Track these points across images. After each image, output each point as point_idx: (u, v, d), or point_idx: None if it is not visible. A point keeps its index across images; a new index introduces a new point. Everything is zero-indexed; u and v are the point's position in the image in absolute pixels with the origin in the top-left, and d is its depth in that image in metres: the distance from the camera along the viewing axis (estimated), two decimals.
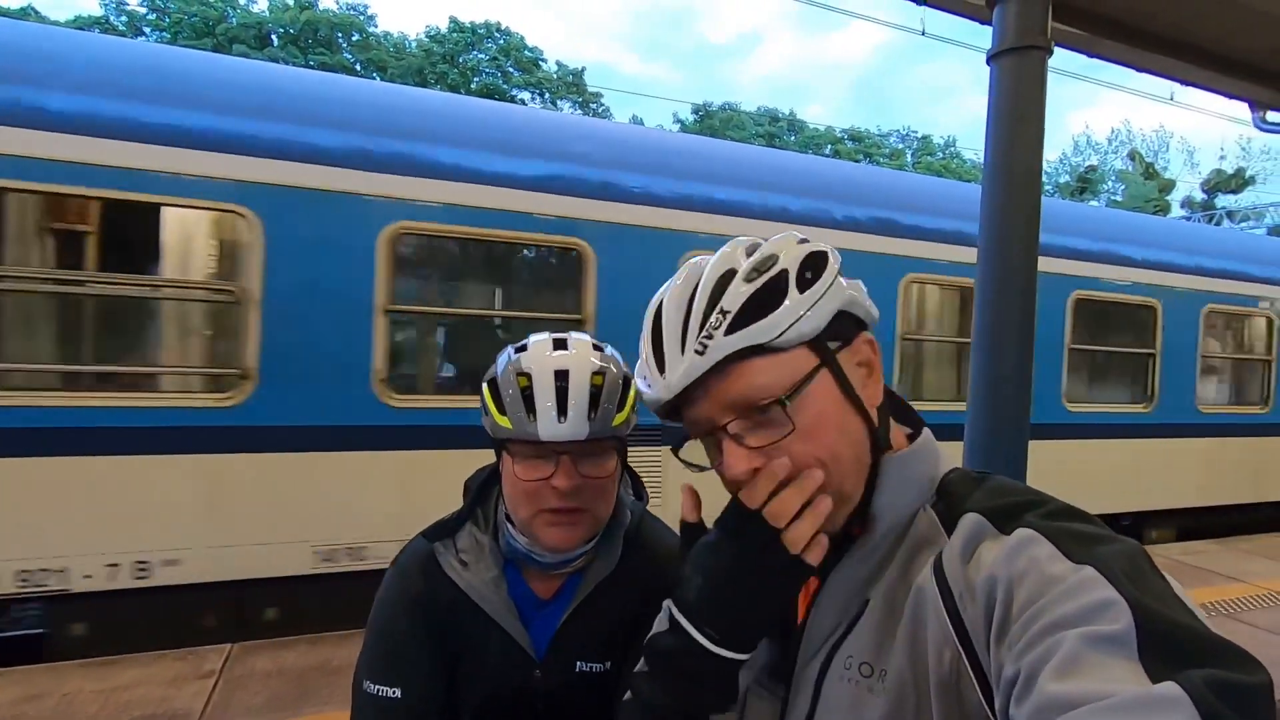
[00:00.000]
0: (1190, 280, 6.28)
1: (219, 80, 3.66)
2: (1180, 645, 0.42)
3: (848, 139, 39.99)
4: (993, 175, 2.39)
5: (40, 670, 3.05)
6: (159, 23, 28.29)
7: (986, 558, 0.55)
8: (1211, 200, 28.86)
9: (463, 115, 4.21)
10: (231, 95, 3.60)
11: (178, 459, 3.41)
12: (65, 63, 3.36)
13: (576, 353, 0.99)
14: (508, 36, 32.98)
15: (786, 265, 0.64)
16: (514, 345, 1.03)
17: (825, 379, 0.64)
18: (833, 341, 0.65)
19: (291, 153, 3.58)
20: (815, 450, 0.62)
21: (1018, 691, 0.46)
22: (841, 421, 0.64)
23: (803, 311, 0.63)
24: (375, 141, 3.74)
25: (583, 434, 0.95)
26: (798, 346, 0.63)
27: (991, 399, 2.28)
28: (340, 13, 31.54)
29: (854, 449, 0.65)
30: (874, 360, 0.68)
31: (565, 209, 4.05)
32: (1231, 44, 4.21)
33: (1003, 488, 0.62)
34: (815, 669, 0.64)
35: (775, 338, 0.62)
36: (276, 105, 3.67)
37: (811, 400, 0.63)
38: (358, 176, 3.66)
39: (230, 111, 3.54)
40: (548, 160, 4.10)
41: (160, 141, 3.37)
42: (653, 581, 1.06)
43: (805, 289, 0.63)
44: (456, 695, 1.03)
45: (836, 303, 0.65)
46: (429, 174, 3.82)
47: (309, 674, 3.14)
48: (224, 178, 3.44)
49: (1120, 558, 0.49)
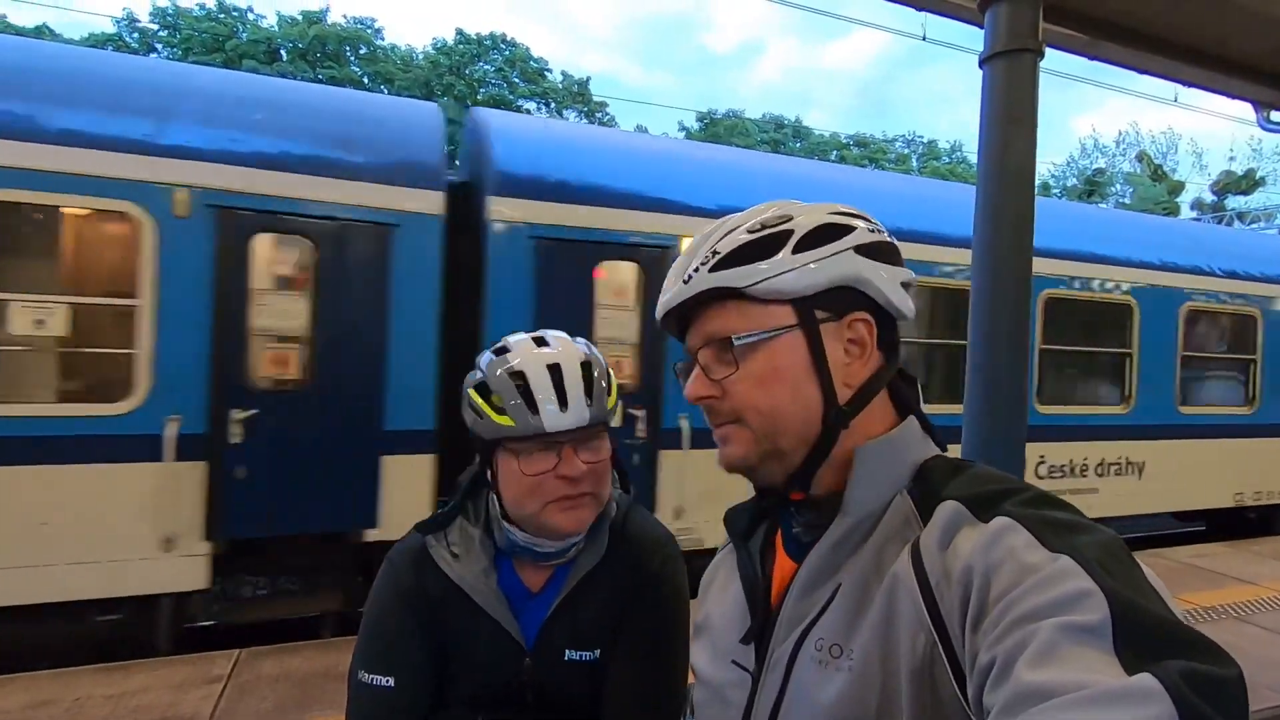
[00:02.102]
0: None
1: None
2: (1155, 637, 0.43)
3: (853, 144, 39.99)
4: (986, 178, 2.39)
5: (49, 676, 3.09)
6: (170, 39, 28.71)
7: (964, 546, 0.55)
8: (1221, 202, 28.65)
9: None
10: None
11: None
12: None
13: (560, 346, 1.04)
14: (513, 48, 33.25)
15: (795, 227, 0.67)
16: (491, 349, 1.06)
17: (794, 339, 0.67)
18: (823, 310, 0.67)
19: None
20: (756, 399, 0.66)
21: (992, 679, 0.46)
22: (796, 384, 0.66)
23: (785, 269, 0.65)
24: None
25: (585, 420, 0.99)
26: (779, 303, 0.66)
27: (987, 404, 2.27)
28: (348, 27, 31.90)
29: (801, 413, 0.67)
30: (867, 341, 0.68)
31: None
32: (1233, 45, 4.21)
33: (982, 476, 0.62)
34: (787, 650, 0.65)
35: (749, 285, 0.66)
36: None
37: (770, 353, 0.66)
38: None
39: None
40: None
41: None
42: (639, 571, 1.09)
43: (801, 250, 0.66)
44: (448, 684, 1.06)
45: (836, 273, 0.66)
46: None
47: (315, 678, 3.17)
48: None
49: (1097, 547, 0.49)
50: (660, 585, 1.10)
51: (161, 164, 3.64)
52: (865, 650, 0.59)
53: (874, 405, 0.70)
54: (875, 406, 0.70)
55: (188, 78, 4.27)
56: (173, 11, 29.18)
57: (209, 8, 29.80)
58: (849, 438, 0.68)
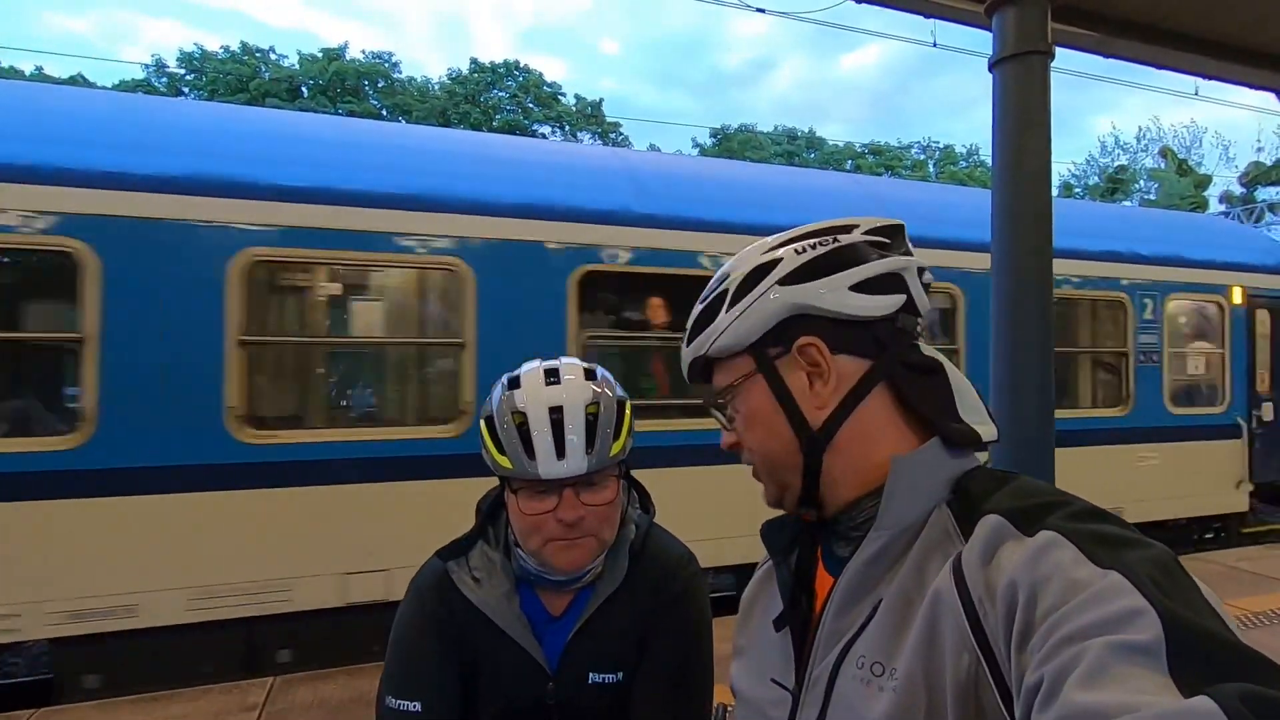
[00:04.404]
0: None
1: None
2: (1212, 657, 0.40)
3: (869, 153, 39.88)
4: (1002, 182, 2.38)
5: (91, 708, 3.15)
6: (196, 83, 29.70)
7: (1007, 561, 0.53)
8: (1251, 194, 27.99)
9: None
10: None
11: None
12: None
13: (569, 385, 1.01)
14: (526, 74, 33.83)
15: (729, 285, 0.72)
16: (508, 377, 1.05)
17: (757, 382, 0.71)
18: (774, 348, 0.70)
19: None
20: (750, 441, 0.73)
21: (1040, 700, 0.44)
22: (769, 421, 0.71)
23: (724, 328, 0.72)
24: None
25: (582, 469, 0.97)
26: (740, 354, 0.72)
27: (1012, 407, 2.24)
28: (366, 62, 32.75)
29: (780, 446, 0.70)
30: (820, 360, 0.68)
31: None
32: (1253, 35, 4.15)
33: (1026, 488, 0.61)
34: (828, 667, 0.64)
35: (707, 350, 0.74)
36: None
37: (745, 400, 0.73)
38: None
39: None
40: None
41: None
42: (661, 592, 1.08)
43: (734, 304, 0.71)
44: (474, 708, 1.06)
45: (767, 311, 0.69)
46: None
47: (348, 705, 3.19)
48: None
49: (1148, 563, 0.47)
50: (683, 605, 1.09)
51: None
52: (909, 669, 0.58)
53: (869, 415, 0.68)
54: (870, 416, 0.68)
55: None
56: (198, 55, 30.22)
57: (233, 50, 30.82)
58: (841, 456, 0.68)
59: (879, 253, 0.71)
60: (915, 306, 0.71)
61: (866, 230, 0.72)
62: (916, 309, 0.71)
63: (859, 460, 0.68)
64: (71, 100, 4.10)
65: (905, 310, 0.70)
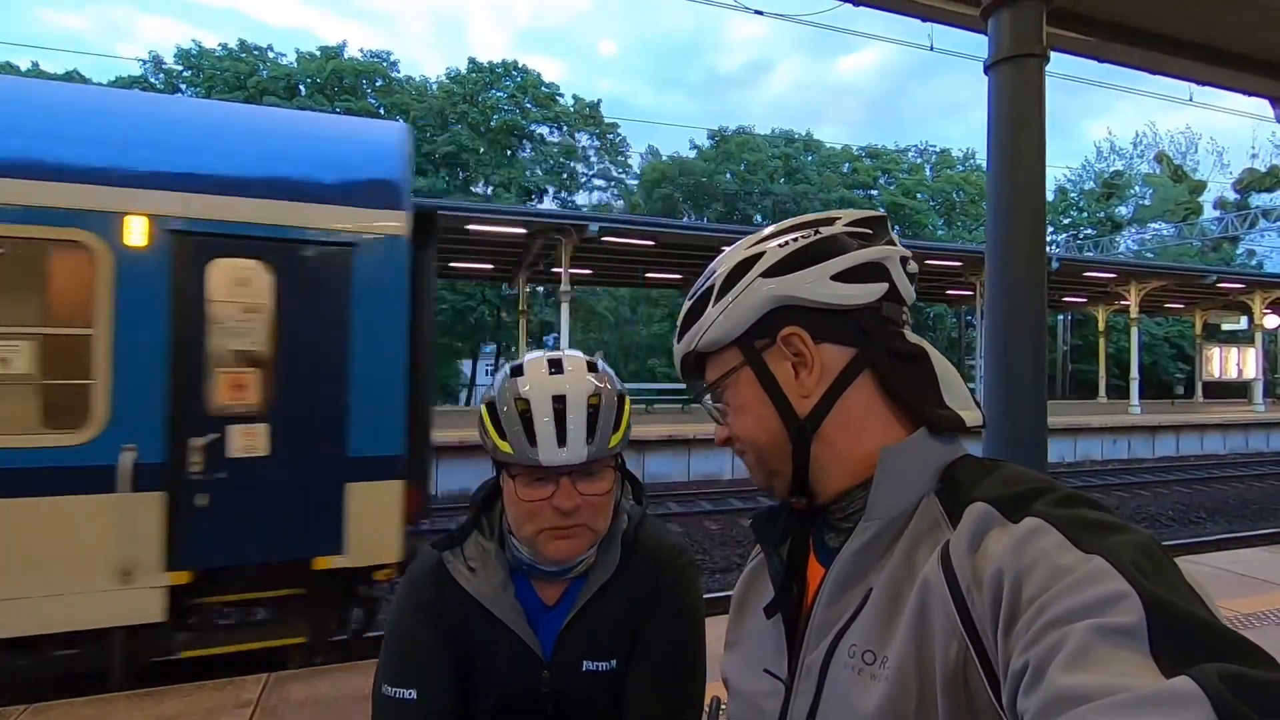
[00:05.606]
0: None
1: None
2: (1193, 639, 0.41)
3: (865, 156, 40.00)
4: (997, 183, 2.40)
5: (84, 703, 3.14)
6: (194, 80, 29.65)
7: (994, 548, 0.54)
8: (1245, 200, 28.14)
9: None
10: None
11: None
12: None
13: (572, 376, 1.02)
14: (525, 74, 33.86)
15: (715, 280, 0.74)
16: (510, 365, 1.06)
17: (745, 374, 0.73)
18: (760, 339, 0.71)
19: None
20: (739, 432, 0.75)
21: (1026, 683, 0.45)
22: (758, 411, 0.73)
23: (710, 323, 0.74)
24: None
25: (582, 458, 0.98)
26: (728, 347, 0.74)
27: (1005, 407, 2.26)
28: (364, 61, 32.75)
29: (768, 436, 0.72)
30: (803, 350, 0.69)
31: None
32: (1246, 42, 4.19)
33: (1012, 476, 0.61)
34: (820, 657, 0.65)
35: (696, 345, 0.76)
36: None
37: (734, 392, 0.74)
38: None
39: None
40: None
41: None
42: (654, 582, 1.10)
43: (720, 298, 0.73)
44: (469, 696, 1.07)
45: (752, 304, 0.70)
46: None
47: (342, 702, 3.19)
48: None
49: (1131, 548, 0.48)
50: (675, 595, 1.10)
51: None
52: (900, 657, 0.58)
53: (855, 403, 0.69)
54: (856, 403, 0.69)
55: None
56: (196, 52, 30.17)
57: (231, 48, 30.77)
58: (829, 444, 0.69)
59: (860, 243, 0.72)
60: (899, 294, 0.72)
61: (848, 222, 0.74)
62: (901, 297, 0.73)
63: (847, 449, 0.69)
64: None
65: (889, 299, 0.71)
